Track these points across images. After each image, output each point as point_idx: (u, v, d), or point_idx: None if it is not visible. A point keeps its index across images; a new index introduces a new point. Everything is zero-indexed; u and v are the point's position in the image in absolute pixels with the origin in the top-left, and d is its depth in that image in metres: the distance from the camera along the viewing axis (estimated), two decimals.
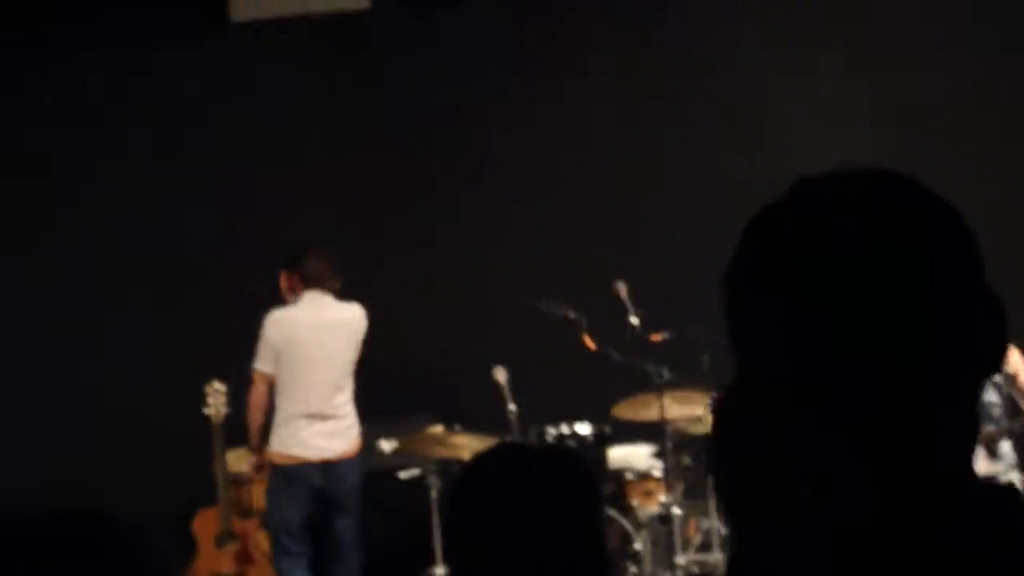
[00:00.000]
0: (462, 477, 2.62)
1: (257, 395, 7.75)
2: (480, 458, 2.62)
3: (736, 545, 1.34)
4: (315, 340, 7.74)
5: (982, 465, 7.02)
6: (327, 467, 7.73)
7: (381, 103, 9.47)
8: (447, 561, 2.12)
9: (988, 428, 7.02)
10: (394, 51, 9.52)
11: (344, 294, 7.89)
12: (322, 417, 7.74)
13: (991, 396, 6.96)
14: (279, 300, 7.84)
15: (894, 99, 9.13)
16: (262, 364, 7.73)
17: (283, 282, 7.86)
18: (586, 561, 2.51)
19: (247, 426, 7.80)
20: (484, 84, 9.41)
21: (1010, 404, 7.07)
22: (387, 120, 9.47)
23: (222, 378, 8.01)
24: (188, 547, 8.13)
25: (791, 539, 1.27)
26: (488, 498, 2.50)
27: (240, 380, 7.85)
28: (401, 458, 7.92)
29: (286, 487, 7.73)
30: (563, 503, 2.49)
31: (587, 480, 2.59)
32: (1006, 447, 7.19)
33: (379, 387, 8.73)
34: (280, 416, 7.75)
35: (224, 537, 8.05)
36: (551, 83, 9.37)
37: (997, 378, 6.95)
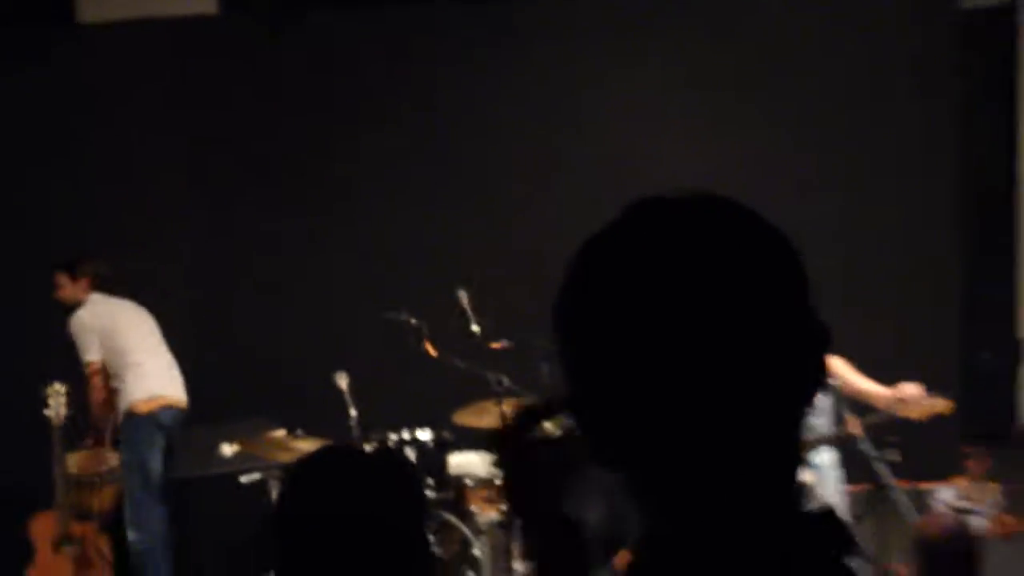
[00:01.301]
0: (285, 481, 2.64)
1: (99, 387, 7.77)
2: (302, 461, 2.64)
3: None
4: (135, 317, 7.97)
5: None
6: (178, 414, 7.95)
7: (228, 107, 9.46)
8: (272, 564, 2.16)
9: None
10: (241, 56, 9.52)
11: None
12: (172, 362, 8.02)
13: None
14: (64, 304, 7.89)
15: (735, 117, 9.38)
16: (92, 354, 7.77)
17: (64, 283, 7.88)
18: (408, 561, 2.57)
19: (95, 425, 7.82)
20: (330, 90, 9.45)
21: (836, 412, 7.14)
22: (233, 125, 9.46)
23: (62, 380, 7.94)
24: (25, 551, 8.02)
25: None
26: (308, 500, 2.53)
27: (81, 382, 7.82)
28: (242, 461, 7.91)
29: (152, 433, 7.79)
30: (384, 502, 2.54)
31: (408, 479, 2.64)
32: (827, 457, 7.27)
33: (221, 391, 8.72)
34: (136, 373, 7.81)
35: (62, 540, 7.96)
36: (398, 91, 9.44)
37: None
